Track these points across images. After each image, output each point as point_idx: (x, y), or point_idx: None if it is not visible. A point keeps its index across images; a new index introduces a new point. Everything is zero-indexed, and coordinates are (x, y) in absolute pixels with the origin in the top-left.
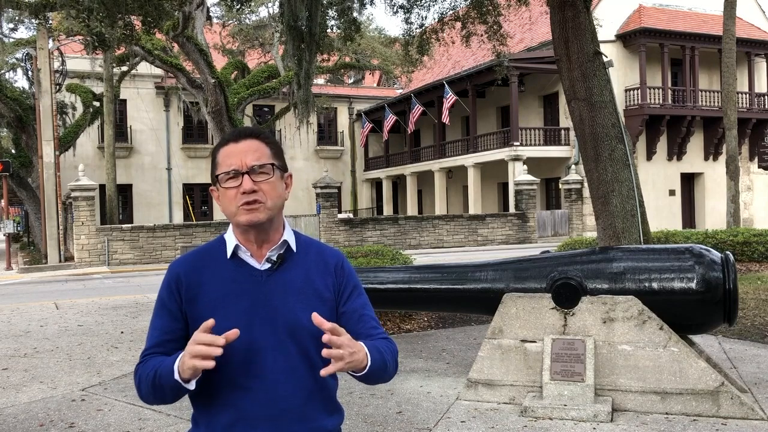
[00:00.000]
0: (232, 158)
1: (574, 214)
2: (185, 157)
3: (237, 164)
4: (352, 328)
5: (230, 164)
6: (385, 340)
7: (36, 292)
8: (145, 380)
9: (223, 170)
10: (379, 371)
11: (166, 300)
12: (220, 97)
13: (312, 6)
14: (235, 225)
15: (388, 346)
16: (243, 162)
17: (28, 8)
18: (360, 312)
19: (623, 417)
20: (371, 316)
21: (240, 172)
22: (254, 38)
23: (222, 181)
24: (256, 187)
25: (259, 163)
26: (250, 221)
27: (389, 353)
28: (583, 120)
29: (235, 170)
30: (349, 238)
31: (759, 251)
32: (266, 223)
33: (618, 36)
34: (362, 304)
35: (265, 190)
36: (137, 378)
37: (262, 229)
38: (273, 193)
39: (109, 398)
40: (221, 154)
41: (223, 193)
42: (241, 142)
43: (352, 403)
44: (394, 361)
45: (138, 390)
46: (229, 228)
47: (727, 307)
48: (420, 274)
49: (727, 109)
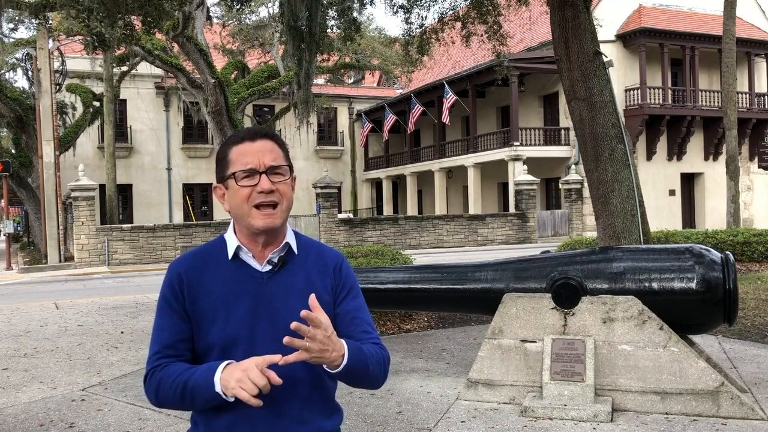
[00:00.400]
0: (249, 157)
1: (574, 214)
2: (185, 157)
3: (254, 163)
4: (344, 331)
5: (247, 162)
6: (375, 345)
7: (36, 292)
8: (170, 389)
9: (240, 168)
10: (358, 372)
11: (171, 300)
12: (220, 97)
13: (312, 6)
14: (245, 226)
15: (377, 351)
16: (261, 161)
17: (28, 8)
18: (353, 315)
19: (623, 417)
20: (365, 319)
21: (258, 171)
22: (254, 38)
23: (238, 179)
24: (274, 187)
25: (276, 164)
26: (266, 226)
27: (375, 358)
28: (583, 120)
29: (252, 169)
30: (349, 238)
31: (759, 251)
32: (280, 227)
33: (618, 36)
34: (357, 306)
35: (281, 191)
36: (154, 382)
37: (272, 234)
38: (288, 194)
39: (109, 398)
40: (235, 152)
41: (235, 192)
42: (258, 142)
43: (352, 403)
44: (380, 366)
45: (153, 394)
46: (230, 228)
47: (727, 307)
48: (420, 274)
49: (727, 109)
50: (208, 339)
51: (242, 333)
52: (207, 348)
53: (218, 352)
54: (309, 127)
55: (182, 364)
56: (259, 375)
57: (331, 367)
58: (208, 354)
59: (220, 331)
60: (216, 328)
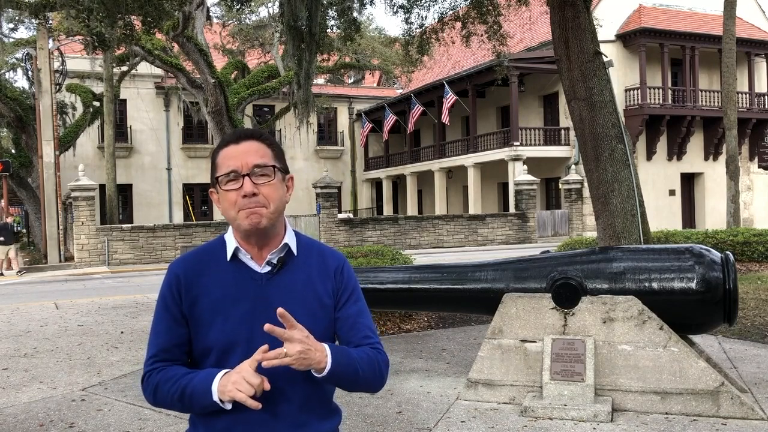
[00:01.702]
0: (232, 160)
1: (574, 214)
2: (185, 157)
3: (237, 166)
4: (344, 335)
5: (230, 166)
6: (373, 350)
7: (36, 292)
8: (168, 393)
9: (223, 172)
10: (346, 376)
11: (169, 302)
12: (220, 97)
13: (312, 6)
14: (235, 229)
15: (373, 355)
16: (243, 163)
17: (28, 8)
18: (354, 319)
19: (623, 417)
20: (366, 324)
21: (240, 174)
22: (254, 38)
23: (222, 183)
24: (257, 190)
25: (260, 164)
26: (251, 226)
27: (366, 361)
28: (583, 120)
29: (235, 172)
30: (349, 238)
31: (759, 251)
32: (268, 228)
33: (618, 36)
34: (358, 311)
35: (266, 193)
36: (151, 384)
37: (263, 234)
38: (274, 196)
39: (109, 398)
40: (221, 156)
41: (222, 196)
42: (242, 144)
43: (352, 403)
44: (373, 370)
45: (151, 396)
46: (230, 229)
47: (727, 307)
48: (420, 274)
49: (727, 109)
50: (206, 341)
51: (240, 335)
52: (205, 350)
53: (216, 355)
54: (309, 127)
55: (180, 368)
56: (254, 374)
57: (316, 371)
58: (207, 357)
59: (218, 333)
60: (214, 330)
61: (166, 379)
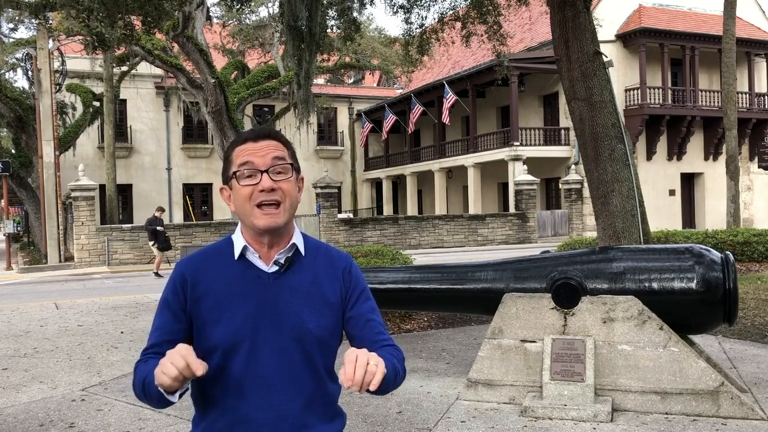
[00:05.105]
0: (251, 156)
1: (574, 214)
2: (185, 157)
3: (256, 162)
4: (358, 333)
5: (249, 161)
6: (392, 347)
7: (36, 292)
8: (138, 383)
9: (239, 168)
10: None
11: (170, 299)
12: (220, 97)
13: (312, 6)
14: (248, 226)
15: (397, 354)
16: (263, 160)
17: (28, 8)
18: (367, 317)
19: (623, 417)
20: (378, 321)
21: (259, 170)
22: (254, 38)
23: (239, 178)
24: (276, 186)
25: (279, 162)
26: (268, 225)
27: (399, 362)
28: (583, 120)
29: (254, 167)
30: (349, 238)
31: (759, 251)
32: (282, 226)
33: (618, 36)
34: (369, 308)
35: (284, 189)
36: (133, 377)
37: (276, 233)
38: (292, 193)
39: (109, 398)
40: (238, 152)
41: (237, 192)
42: (261, 142)
43: (352, 403)
44: (402, 369)
45: (133, 388)
46: (237, 229)
47: (727, 307)
48: (420, 274)
49: (727, 109)
50: (211, 339)
51: (245, 334)
52: (210, 348)
53: (221, 354)
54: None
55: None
56: (178, 357)
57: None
58: (211, 355)
59: (223, 331)
60: (219, 329)
61: (141, 371)
